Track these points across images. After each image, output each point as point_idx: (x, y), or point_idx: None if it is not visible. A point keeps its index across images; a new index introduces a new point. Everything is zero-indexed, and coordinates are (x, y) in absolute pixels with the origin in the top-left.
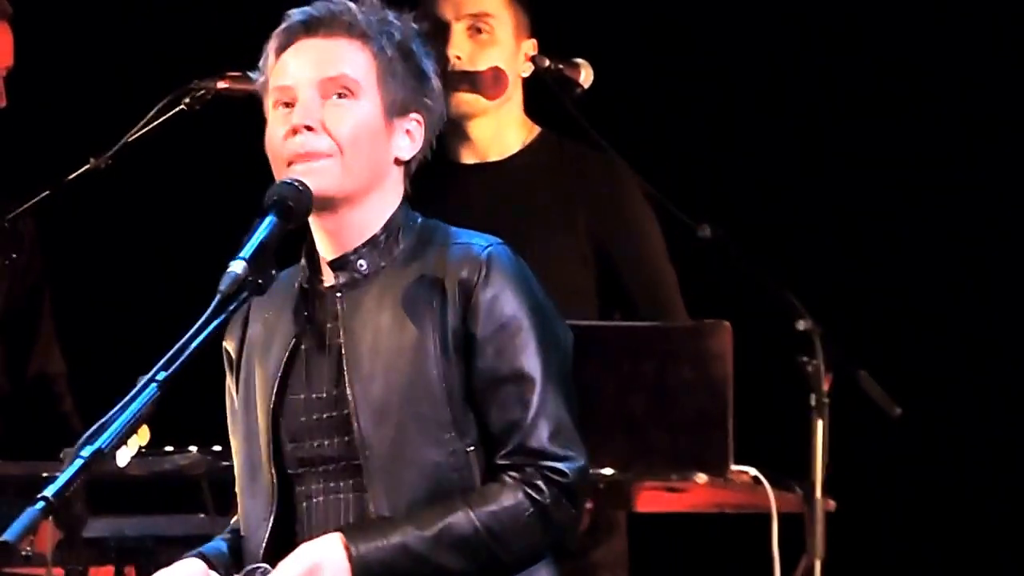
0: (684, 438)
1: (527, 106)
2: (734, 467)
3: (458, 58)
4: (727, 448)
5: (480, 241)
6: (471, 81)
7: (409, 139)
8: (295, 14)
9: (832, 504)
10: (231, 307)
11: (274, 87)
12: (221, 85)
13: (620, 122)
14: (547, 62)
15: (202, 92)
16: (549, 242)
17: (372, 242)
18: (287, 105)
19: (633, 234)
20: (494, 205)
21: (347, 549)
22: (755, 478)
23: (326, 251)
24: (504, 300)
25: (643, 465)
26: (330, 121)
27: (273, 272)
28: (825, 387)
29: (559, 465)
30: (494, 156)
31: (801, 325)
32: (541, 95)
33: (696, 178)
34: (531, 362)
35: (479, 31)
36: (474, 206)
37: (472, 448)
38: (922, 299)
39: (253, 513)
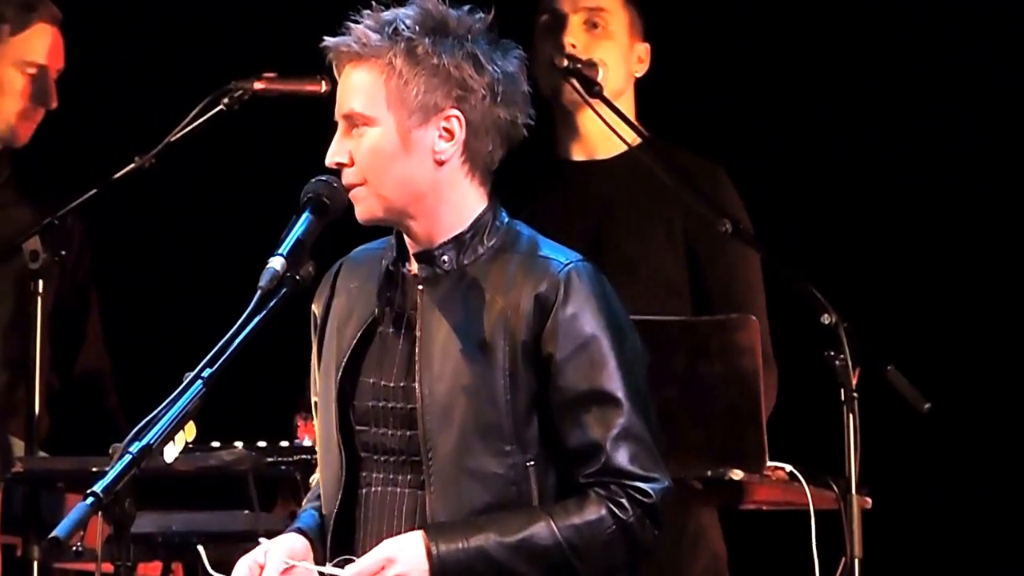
0: (718, 433)
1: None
2: (770, 463)
3: (573, 46)
4: (762, 444)
5: (561, 257)
6: (581, 83)
7: (447, 139)
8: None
9: (868, 501)
10: (271, 303)
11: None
12: (258, 86)
13: (643, 113)
14: (566, 61)
15: (240, 92)
16: (650, 241)
17: (458, 240)
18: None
19: (724, 248)
20: (599, 203)
21: (427, 547)
22: (791, 474)
23: (412, 243)
24: (583, 319)
25: (677, 461)
26: (353, 152)
27: (311, 268)
28: (854, 381)
29: (643, 485)
30: (602, 154)
31: (826, 319)
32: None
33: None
34: (612, 382)
35: (595, 25)
36: (579, 204)
37: (532, 463)
38: (950, 293)
39: (328, 486)
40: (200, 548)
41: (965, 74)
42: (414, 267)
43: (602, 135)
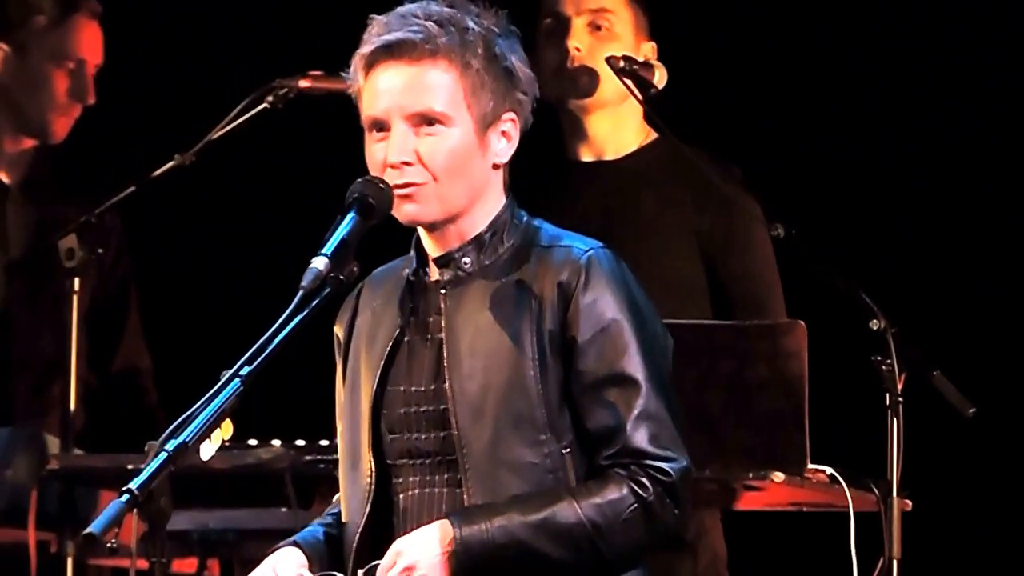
0: (761, 436)
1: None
2: (811, 466)
3: (577, 50)
4: (804, 447)
5: (581, 244)
6: (589, 74)
7: (505, 141)
8: (377, 36)
9: (908, 504)
10: (313, 303)
11: (367, 114)
12: (303, 84)
13: (693, 118)
14: (621, 62)
15: (285, 90)
16: (661, 241)
17: (477, 240)
18: (380, 130)
19: (739, 244)
20: (609, 203)
21: (452, 530)
22: (832, 476)
23: (431, 248)
24: (604, 303)
25: (720, 463)
26: (424, 152)
27: (355, 268)
28: (899, 386)
29: (662, 465)
30: (611, 154)
31: (874, 324)
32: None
33: (769, 177)
34: (632, 364)
35: (598, 27)
36: (589, 204)
37: (568, 450)
38: (996, 298)
39: (353, 500)
40: None
41: (1017, 73)
42: (434, 273)
43: (610, 136)
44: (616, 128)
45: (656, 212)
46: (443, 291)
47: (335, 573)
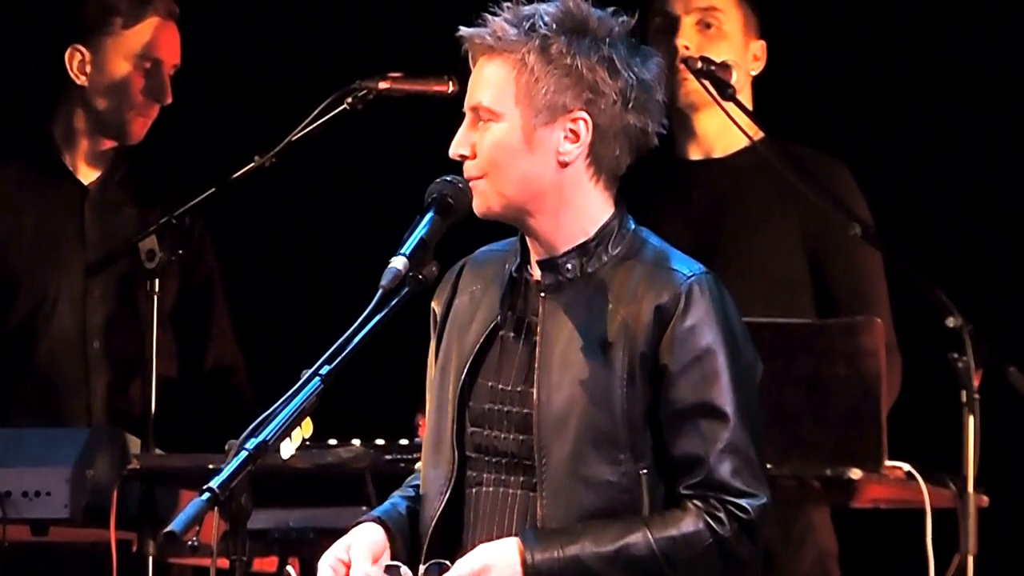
0: (838, 433)
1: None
2: (888, 462)
3: (686, 48)
4: (881, 444)
5: (685, 269)
6: (715, 85)
7: (572, 140)
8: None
9: (985, 500)
10: (392, 302)
11: None
12: (383, 85)
13: (760, 109)
14: (699, 63)
15: (365, 92)
16: (768, 239)
17: (582, 247)
18: None
19: (845, 243)
20: (716, 201)
21: (522, 555)
22: (908, 473)
23: (536, 250)
24: (700, 332)
25: (798, 460)
26: (478, 146)
27: (434, 268)
28: (975, 383)
29: (742, 501)
30: (719, 152)
31: (951, 322)
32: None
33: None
34: (722, 396)
35: (708, 25)
36: (697, 202)
37: (645, 472)
38: None
39: (433, 483)
40: (290, 570)
41: None
42: (536, 273)
43: (719, 134)
44: (725, 126)
45: (763, 210)
46: (543, 294)
47: (400, 565)
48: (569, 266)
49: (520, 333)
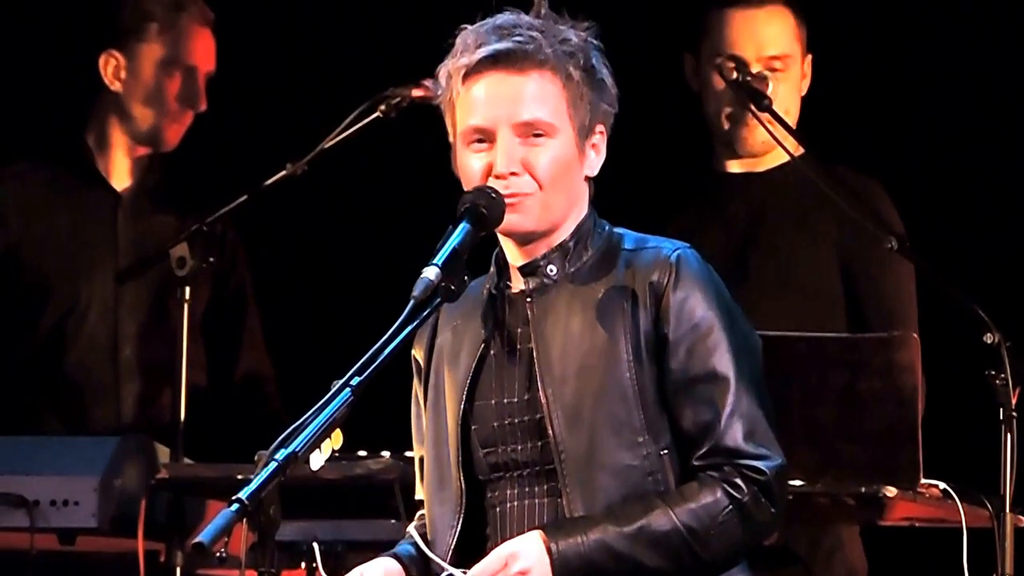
0: (873, 450)
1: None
2: (924, 481)
3: (732, 67)
4: (917, 461)
5: (668, 244)
6: (750, 95)
7: (596, 154)
8: (476, 46)
9: (1022, 520)
10: (424, 313)
11: (469, 124)
12: (416, 93)
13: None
14: (735, 74)
15: (398, 100)
16: (803, 252)
17: (561, 248)
18: (481, 141)
19: (878, 259)
20: (753, 214)
21: (547, 545)
22: (944, 491)
23: (515, 258)
24: (694, 301)
25: (832, 477)
26: (531, 162)
27: (465, 278)
28: (1013, 400)
29: (756, 463)
30: (761, 167)
31: (988, 338)
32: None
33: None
34: (723, 362)
35: (774, 69)
36: (735, 215)
37: (666, 451)
38: None
39: (440, 520)
40: (315, 545)
41: None
42: (517, 283)
43: (759, 148)
44: (769, 142)
45: (800, 225)
46: (529, 300)
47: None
48: (551, 268)
49: (513, 345)
